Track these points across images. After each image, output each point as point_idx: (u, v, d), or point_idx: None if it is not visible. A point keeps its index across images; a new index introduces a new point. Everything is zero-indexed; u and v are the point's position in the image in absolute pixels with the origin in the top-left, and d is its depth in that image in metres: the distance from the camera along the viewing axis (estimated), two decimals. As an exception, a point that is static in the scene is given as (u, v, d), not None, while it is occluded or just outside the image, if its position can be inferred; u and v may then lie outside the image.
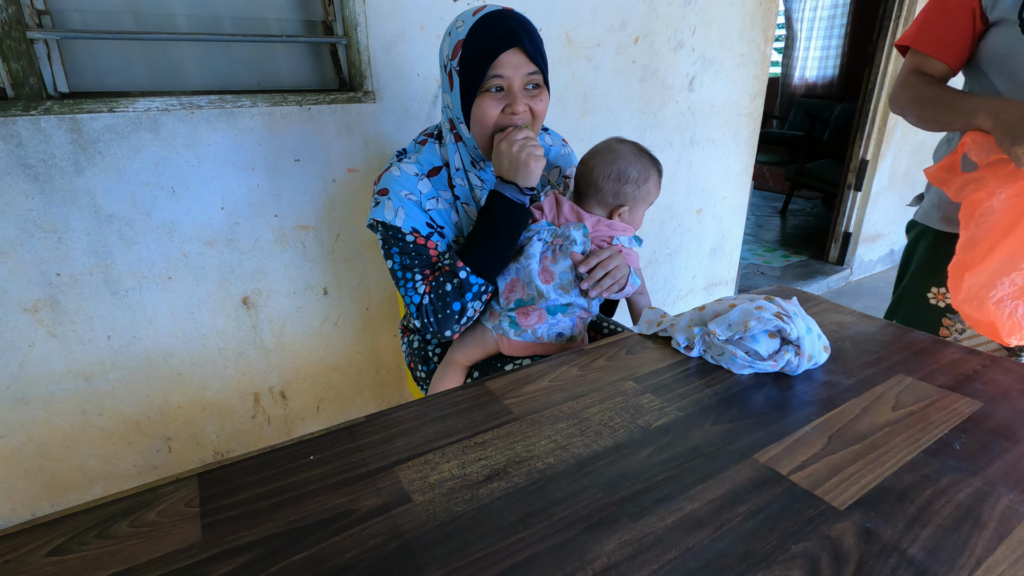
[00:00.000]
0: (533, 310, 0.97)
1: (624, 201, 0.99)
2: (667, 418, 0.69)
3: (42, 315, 1.14)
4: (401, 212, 0.92)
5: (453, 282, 0.91)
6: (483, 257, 0.91)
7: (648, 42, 1.78)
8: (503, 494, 0.56)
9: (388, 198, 0.93)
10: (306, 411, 1.53)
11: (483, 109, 0.88)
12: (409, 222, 0.92)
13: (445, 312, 0.92)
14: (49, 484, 1.26)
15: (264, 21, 1.26)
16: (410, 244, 0.93)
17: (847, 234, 3.12)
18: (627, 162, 0.97)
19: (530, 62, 0.87)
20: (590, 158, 1.00)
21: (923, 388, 0.75)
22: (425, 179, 0.95)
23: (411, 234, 0.93)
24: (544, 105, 0.93)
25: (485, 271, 0.92)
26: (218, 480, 0.58)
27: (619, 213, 0.99)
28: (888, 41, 2.70)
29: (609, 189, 0.97)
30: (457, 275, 0.91)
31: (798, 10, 5.28)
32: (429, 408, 0.71)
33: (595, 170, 0.98)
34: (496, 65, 0.85)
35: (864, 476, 0.58)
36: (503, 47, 0.85)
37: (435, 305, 0.92)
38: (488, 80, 0.86)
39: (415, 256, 0.94)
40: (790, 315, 0.76)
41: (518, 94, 0.88)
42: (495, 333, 0.99)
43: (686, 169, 2.09)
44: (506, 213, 0.90)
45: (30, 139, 1.04)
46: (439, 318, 0.93)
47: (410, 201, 0.93)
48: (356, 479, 0.58)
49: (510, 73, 0.86)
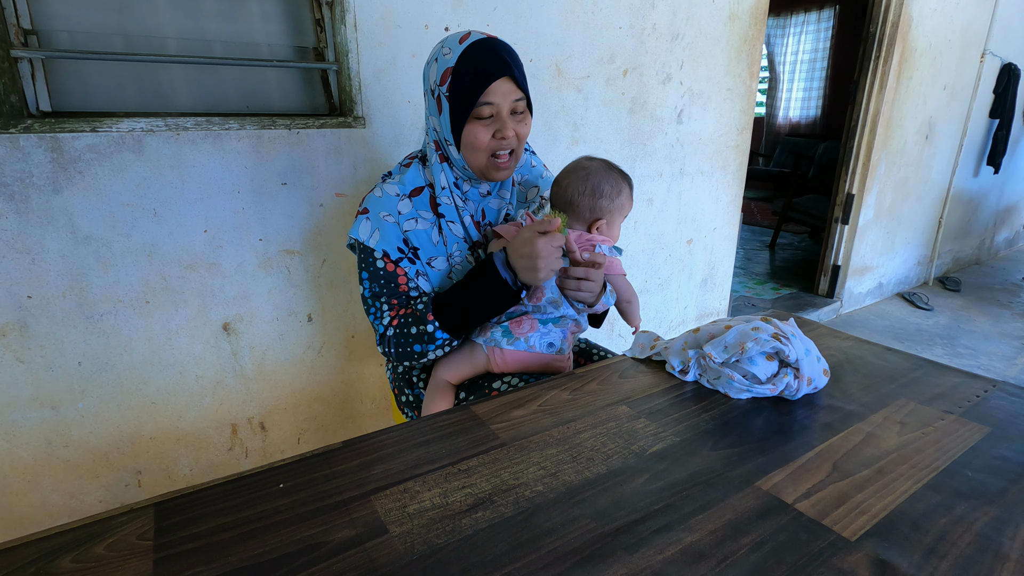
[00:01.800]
0: (526, 319, 0.97)
1: (600, 215, 1.00)
2: (663, 444, 0.65)
3: (9, 339, 1.09)
4: (376, 234, 0.94)
5: (420, 328, 0.93)
6: (458, 319, 0.92)
7: (637, 75, 1.82)
8: (488, 524, 0.52)
9: (367, 218, 0.95)
10: (286, 443, 1.46)
11: (475, 134, 0.91)
12: (382, 244, 0.94)
13: (406, 350, 0.95)
14: (6, 520, 1.18)
15: (255, 46, 1.27)
16: (380, 271, 0.95)
17: (836, 267, 3.14)
18: (599, 177, 0.99)
19: (517, 89, 0.91)
20: (563, 177, 1.01)
21: (927, 413, 0.72)
22: (407, 199, 0.97)
23: (382, 258, 0.95)
24: (528, 128, 0.97)
25: (455, 330, 0.93)
26: (177, 509, 0.53)
27: (597, 227, 1.00)
28: (868, 80, 2.78)
29: (585, 204, 0.98)
30: (426, 325, 0.93)
31: (780, 53, 5.47)
32: (411, 433, 0.67)
33: (569, 188, 0.99)
34: (487, 93, 0.88)
35: (874, 504, 0.54)
36: (494, 76, 0.88)
37: (398, 340, 0.94)
38: (479, 107, 0.89)
39: (384, 284, 0.95)
40: (788, 336, 0.73)
41: (507, 120, 0.91)
42: (487, 347, 0.98)
43: (676, 199, 2.10)
44: (498, 293, 0.90)
45: (7, 157, 1.01)
46: (399, 352, 0.95)
47: (387, 222, 0.95)
48: (329, 508, 0.54)
49: (499, 100, 0.89)
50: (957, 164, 3.51)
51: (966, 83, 3.32)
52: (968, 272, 4.08)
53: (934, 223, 3.61)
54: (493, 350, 0.98)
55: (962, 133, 3.45)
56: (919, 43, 2.85)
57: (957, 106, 3.33)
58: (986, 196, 4.08)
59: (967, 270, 4.14)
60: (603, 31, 1.69)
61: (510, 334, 0.96)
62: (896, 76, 2.79)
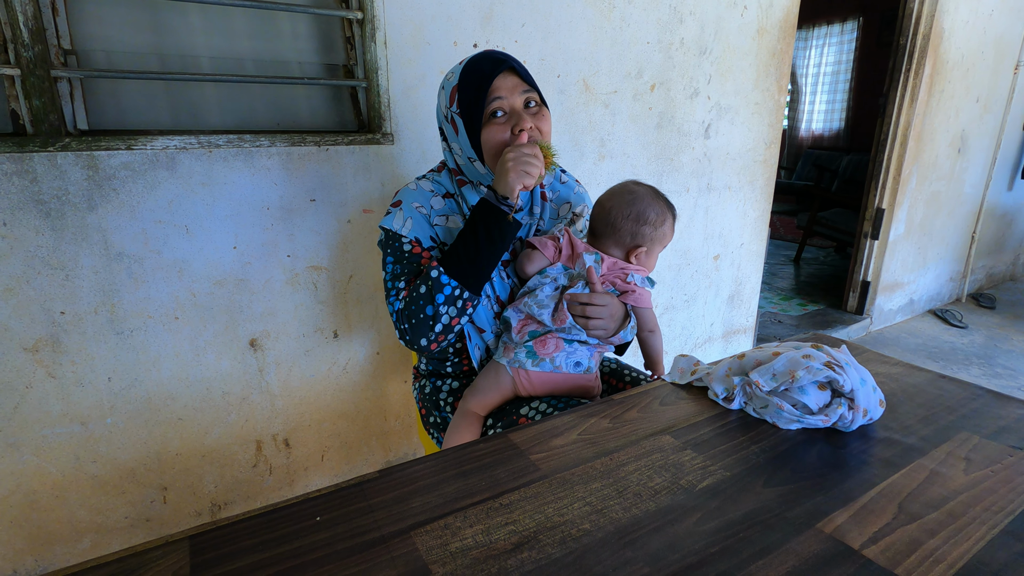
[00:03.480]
0: (551, 337, 0.94)
1: (642, 242, 0.98)
2: (713, 478, 0.62)
3: (42, 355, 1.09)
4: (409, 222, 0.95)
5: (427, 283, 0.89)
6: (457, 258, 0.89)
7: (664, 89, 1.80)
8: (535, 566, 0.49)
9: (400, 208, 0.96)
10: (310, 460, 1.45)
11: (492, 135, 0.90)
12: (414, 232, 0.95)
13: (418, 317, 0.90)
14: (34, 536, 1.18)
15: (285, 64, 1.27)
16: (406, 252, 0.95)
17: (866, 283, 3.06)
18: (646, 204, 0.97)
19: (523, 82, 0.91)
20: (608, 199, 1.00)
21: (993, 448, 0.68)
22: (439, 197, 0.99)
23: (411, 243, 0.95)
24: (548, 124, 0.95)
25: (459, 274, 0.89)
26: (212, 544, 0.51)
27: (636, 254, 0.98)
28: (898, 93, 2.72)
29: (628, 230, 0.97)
30: (430, 276, 0.89)
31: (803, 65, 5.42)
32: (448, 463, 0.65)
33: (613, 211, 0.97)
34: (493, 90, 0.89)
35: (950, 552, 0.51)
36: (495, 72, 0.89)
37: (409, 310, 0.91)
38: (489, 106, 0.89)
39: (407, 264, 0.95)
40: (842, 365, 0.70)
41: (521, 113, 0.91)
42: (511, 368, 0.95)
43: (703, 215, 2.06)
44: (483, 216, 0.89)
45: (45, 175, 1.02)
46: (412, 323, 0.90)
47: (420, 214, 0.96)
48: (368, 545, 0.51)
49: (507, 94, 0.89)
50: (991, 178, 3.41)
51: (1000, 96, 3.24)
52: (1003, 289, 3.96)
53: (967, 238, 3.51)
54: (519, 371, 0.95)
55: (996, 146, 3.36)
56: (951, 55, 2.79)
57: (990, 119, 3.25)
58: (1020, 210, 3.96)
59: (1001, 286, 4.01)
60: (631, 46, 1.68)
61: (535, 355, 0.94)
62: (927, 89, 2.73)
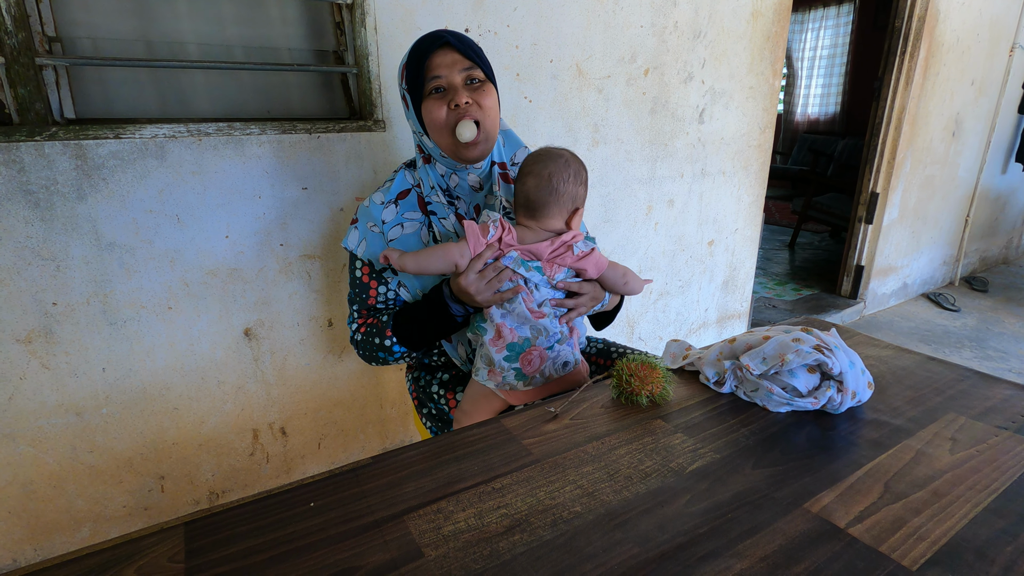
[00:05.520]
0: (534, 352, 0.92)
1: (579, 203, 0.96)
2: (703, 461, 0.62)
3: (35, 346, 1.09)
4: (363, 244, 0.99)
5: (383, 343, 0.99)
6: (415, 337, 0.98)
7: (658, 74, 1.78)
8: (526, 548, 0.50)
9: (355, 228, 1.01)
10: (307, 448, 1.46)
11: (431, 111, 0.91)
12: (367, 253, 0.99)
13: (373, 355, 1.02)
14: (33, 526, 1.18)
15: (275, 50, 1.26)
16: (358, 278, 1.01)
17: (860, 267, 3.07)
18: (577, 163, 0.96)
19: (464, 59, 0.91)
20: (541, 167, 0.93)
21: (979, 429, 0.69)
22: (392, 205, 1.00)
23: (361, 268, 1.01)
24: (492, 100, 0.94)
25: (412, 345, 0.99)
26: (207, 530, 0.52)
27: (574, 217, 0.95)
28: (893, 76, 2.71)
29: (569, 193, 0.94)
30: (384, 340, 0.99)
31: (798, 49, 5.38)
32: (441, 448, 0.66)
33: (554, 176, 0.92)
34: (430, 67, 0.90)
35: (933, 529, 0.52)
36: (432, 48, 0.90)
37: (365, 347, 1.02)
38: (429, 83, 0.91)
39: (358, 291, 1.02)
40: (831, 348, 0.70)
41: (459, 88, 0.91)
42: (501, 392, 0.94)
43: (697, 200, 2.06)
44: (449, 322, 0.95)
45: (33, 164, 1.01)
46: (365, 354, 1.03)
47: (372, 232, 0.99)
48: (361, 529, 0.52)
49: (445, 72, 0.90)
50: (985, 161, 3.42)
51: (994, 78, 3.23)
52: (995, 272, 3.98)
53: (960, 222, 3.53)
54: (510, 393, 0.94)
55: (990, 129, 3.36)
56: (946, 38, 2.77)
57: (985, 102, 3.25)
58: (1014, 194, 3.98)
59: (994, 270, 4.04)
60: (624, 30, 1.67)
61: (524, 376, 0.92)
62: (922, 72, 2.72)
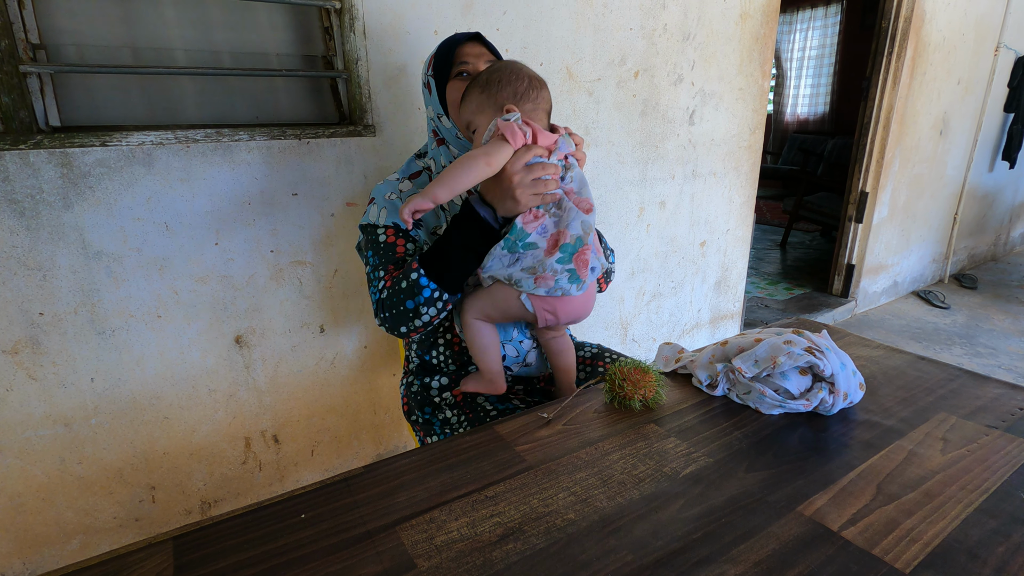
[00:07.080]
0: (588, 251, 0.83)
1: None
2: (696, 465, 0.62)
3: (22, 357, 1.08)
4: (384, 212, 1.00)
5: (409, 279, 0.90)
6: (436, 261, 0.89)
7: (648, 76, 1.79)
8: (520, 558, 0.49)
9: (373, 203, 1.02)
10: (300, 455, 1.45)
11: (455, 90, 0.96)
12: (389, 218, 0.99)
13: (399, 308, 0.91)
14: (22, 539, 1.17)
15: (264, 56, 1.25)
16: (382, 243, 0.99)
17: (850, 266, 3.09)
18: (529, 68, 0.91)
19: (491, 54, 1.00)
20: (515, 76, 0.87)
21: (970, 428, 0.69)
22: (406, 181, 1.05)
23: (384, 232, 0.99)
24: None
25: (437, 277, 0.89)
26: (196, 544, 0.51)
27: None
28: (881, 76, 2.73)
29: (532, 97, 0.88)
30: (410, 275, 0.90)
31: (787, 49, 5.42)
32: (433, 457, 0.65)
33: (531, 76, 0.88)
34: (460, 55, 0.97)
35: (926, 531, 0.52)
36: (464, 39, 0.99)
37: (390, 301, 0.92)
38: (455, 67, 0.97)
39: (383, 253, 0.99)
40: (822, 350, 0.71)
41: None
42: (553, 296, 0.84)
43: (688, 202, 2.07)
44: (463, 223, 0.87)
45: (17, 173, 1.00)
46: (393, 314, 0.92)
47: (391, 201, 1.01)
48: (353, 541, 0.52)
49: (473, 60, 0.97)
50: (972, 159, 3.45)
51: (980, 77, 3.27)
52: (984, 269, 4.02)
53: (949, 220, 3.56)
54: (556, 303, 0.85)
55: (977, 128, 3.40)
56: (932, 37, 2.80)
57: (972, 101, 3.28)
58: (1002, 191, 4.02)
59: (983, 267, 4.08)
60: (613, 33, 1.67)
61: (577, 277, 0.82)
62: (909, 71, 2.75)
